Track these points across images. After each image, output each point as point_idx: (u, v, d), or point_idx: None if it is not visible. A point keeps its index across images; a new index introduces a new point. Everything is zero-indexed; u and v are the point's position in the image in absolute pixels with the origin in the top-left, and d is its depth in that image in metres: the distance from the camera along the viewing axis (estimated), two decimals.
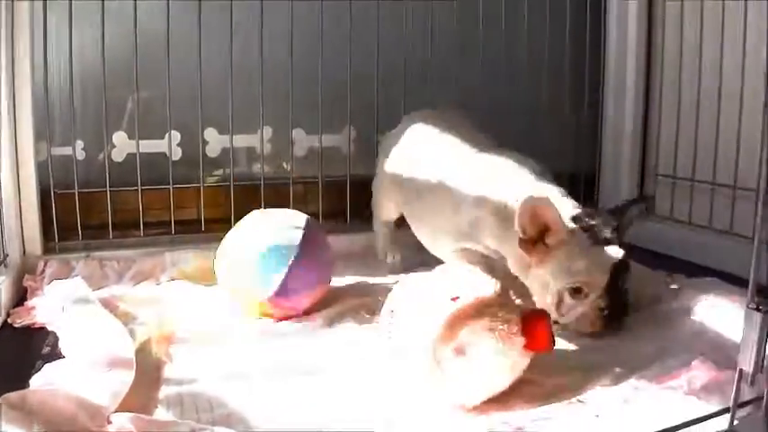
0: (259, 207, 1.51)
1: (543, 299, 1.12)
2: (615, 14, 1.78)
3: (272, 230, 1.19)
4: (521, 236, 1.09)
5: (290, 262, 1.15)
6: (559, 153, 1.66)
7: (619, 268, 1.09)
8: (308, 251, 1.18)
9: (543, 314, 0.91)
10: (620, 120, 1.77)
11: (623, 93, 1.77)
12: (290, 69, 1.51)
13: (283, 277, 1.15)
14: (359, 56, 1.58)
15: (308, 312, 1.20)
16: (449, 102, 1.55)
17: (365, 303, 1.22)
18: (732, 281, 1.23)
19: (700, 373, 0.90)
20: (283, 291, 1.15)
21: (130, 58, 1.42)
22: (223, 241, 1.22)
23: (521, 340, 0.86)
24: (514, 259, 1.16)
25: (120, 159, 1.53)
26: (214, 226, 1.49)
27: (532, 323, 0.87)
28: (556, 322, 1.07)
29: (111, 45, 1.41)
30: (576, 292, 1.09)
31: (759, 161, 0.73)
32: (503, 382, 0.87)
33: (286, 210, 1.29)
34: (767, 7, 1.28)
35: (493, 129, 1.39)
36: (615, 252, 1.09)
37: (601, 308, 1.09)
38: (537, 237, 1.10)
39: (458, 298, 0.86)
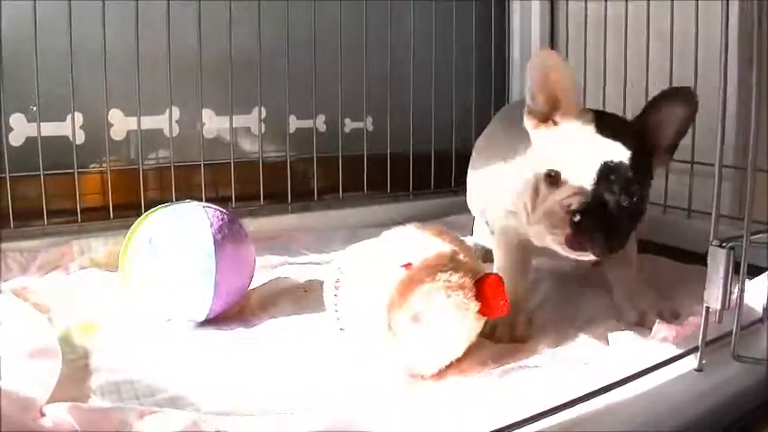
0: (170, 191, 1.47)
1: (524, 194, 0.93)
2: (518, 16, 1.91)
3: (184, 249, 1.01)
4: (529, 104, 0.93)
5: (215, 280, 0.99)
6: None
7: (615, 172, 0.86)
8: (227, 261, 1.01)
9: (497, 278, 0.86)
10: None
11: None
12: (197, 48, 1.46)
13: (211, 303, 1.01)
14: (270, 34, 1.55)
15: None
16: None
17: (296, 282, 1.20)
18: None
19: (663, 330, 0.89)
20: (213, 311, 1.03)
21: (28, 35, 1.32)
22: (132, 241, 1.05)
23: (475, 305, 0.84)
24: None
25: (18, 144, 1.42)
26: (122, 212, 1.41)
27: (486, 287, 0.85)
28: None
29: (7, 20, 1.30)
30: (550, 179, 0.89)
31: None
32: (459, 348, 0.85)
33: (189, 209, 1.07)
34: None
35: None
36: (617, 150, 0.87)
37: (572, 209, 0.85)
38: (549, 113, 0.93)
39: (410, 264, 0.84)
